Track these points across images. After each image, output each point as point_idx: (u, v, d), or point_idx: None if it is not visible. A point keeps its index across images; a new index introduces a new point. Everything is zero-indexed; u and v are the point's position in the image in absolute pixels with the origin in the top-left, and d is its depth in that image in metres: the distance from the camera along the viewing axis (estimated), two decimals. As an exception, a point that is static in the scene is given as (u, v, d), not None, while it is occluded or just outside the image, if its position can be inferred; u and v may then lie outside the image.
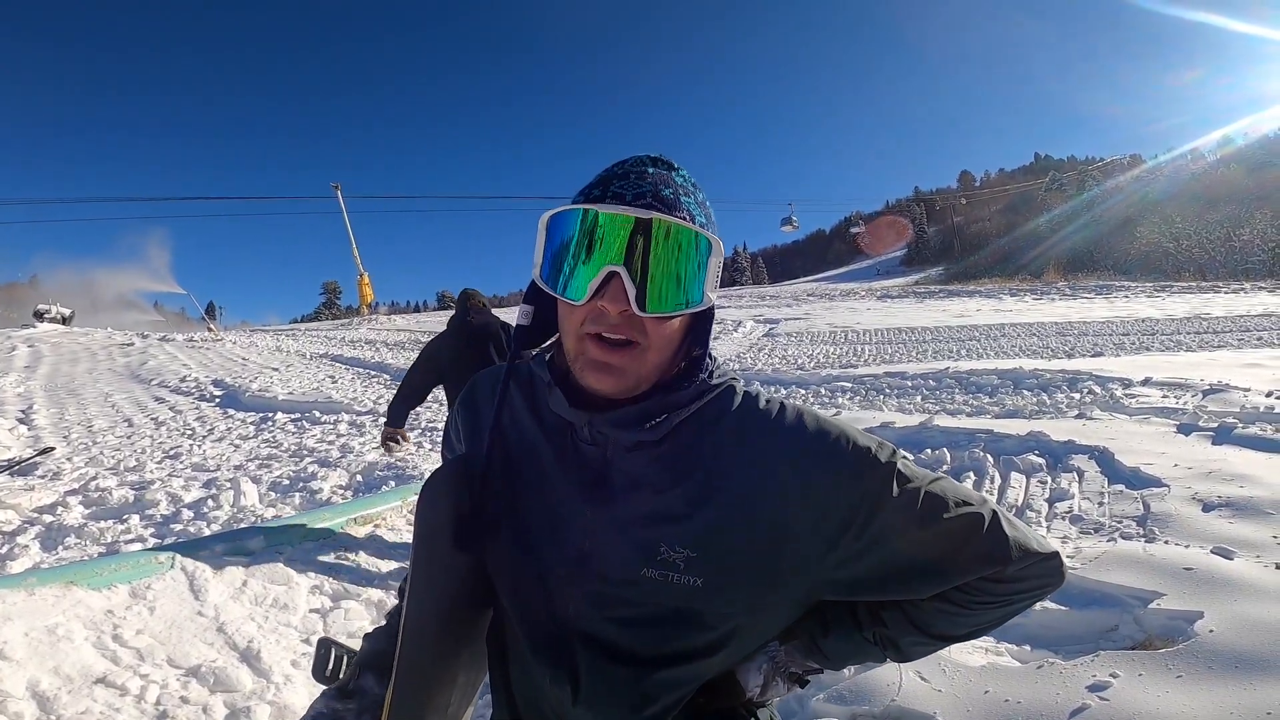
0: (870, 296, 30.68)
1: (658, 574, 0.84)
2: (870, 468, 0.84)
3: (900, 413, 7.58)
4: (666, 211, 0.80)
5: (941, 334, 16.25)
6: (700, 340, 0.88)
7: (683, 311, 0.82)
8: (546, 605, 0.89)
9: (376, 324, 31.64)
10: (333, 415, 9.40)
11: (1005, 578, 0.88)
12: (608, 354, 0.82)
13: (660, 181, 0.83)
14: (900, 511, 0.84)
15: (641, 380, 0.85)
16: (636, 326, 0.81)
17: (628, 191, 0.82)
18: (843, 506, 0.83)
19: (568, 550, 0.88)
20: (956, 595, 0.89)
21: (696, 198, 0.86)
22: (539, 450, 0.93)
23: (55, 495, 5.78)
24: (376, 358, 16.50)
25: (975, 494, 0.89)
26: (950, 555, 0.86)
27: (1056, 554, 0.91)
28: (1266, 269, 35.95)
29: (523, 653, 0.92)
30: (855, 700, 2.39)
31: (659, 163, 0.87)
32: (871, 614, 0.94)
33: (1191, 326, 14.92)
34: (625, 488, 0.88)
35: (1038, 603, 0.93)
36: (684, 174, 0.88)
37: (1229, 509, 3.83)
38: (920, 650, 0.96)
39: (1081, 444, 5.34)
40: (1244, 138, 56.24)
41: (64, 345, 19.39)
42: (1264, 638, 2.50)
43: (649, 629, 0.86)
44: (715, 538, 0.83)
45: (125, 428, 9.27)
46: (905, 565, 0.86)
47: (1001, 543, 0.86)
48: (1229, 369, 8.37)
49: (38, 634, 2.79)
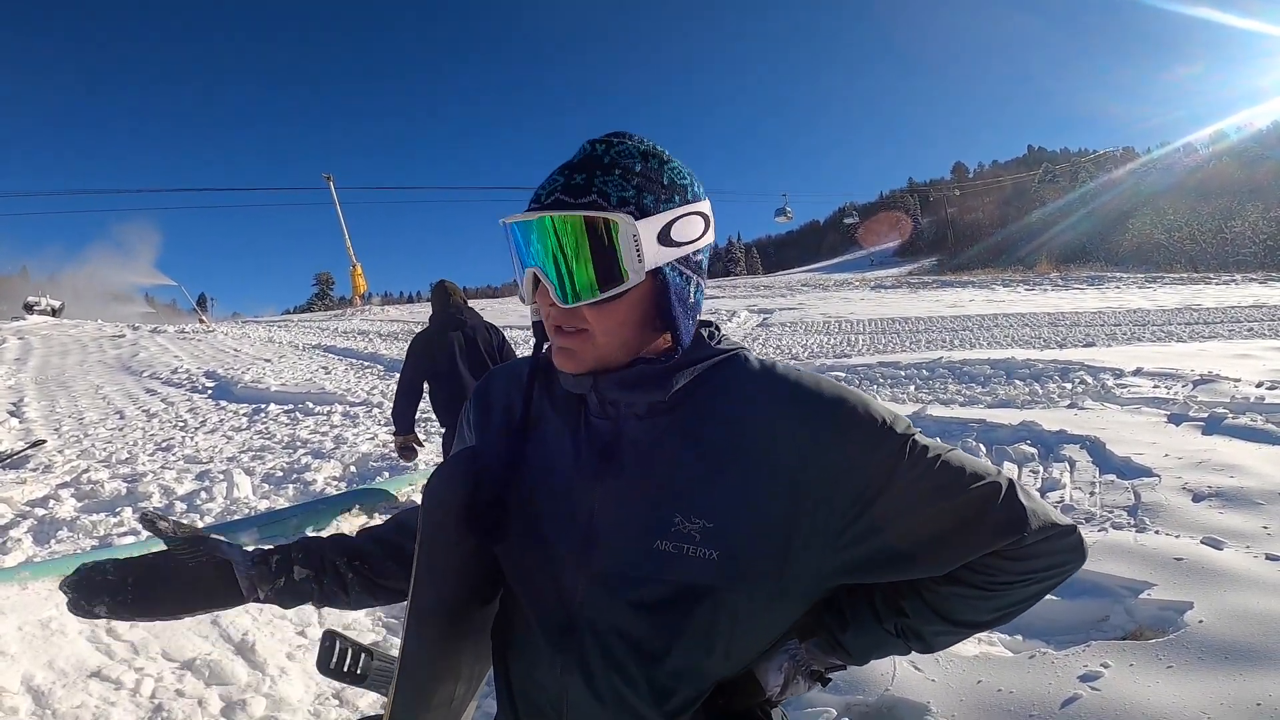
0: (864, 287, 30.70)
1: (672, 546, 0.83)
2: (886, 437, 0.83)
3: (894, 402, 7.60)
4: (572, 200, 0.82)
5: (935, 324, 16.29)
6: (662, 313, 0.86)
7: (604, 295, 0.82)
8: (556, 592, 0.88)
9: (369, 314, 31.53)
10: (326, 406, 9.37)
11: (1022, 554, 0.86)
12: (564, 339, 0.86)
13: (576, 169, 0.84)
14: (915, 482, 0.83)
15: (599, 361, 0.86)
16: (577, 316, 0.84)
17: (543, 191, 0.84)
18: (858, 475, 0.82)
19: (578, 530, 0.88)
20: (974, 577, 0.87)
21: (628, 169, 0.85)
22: (551, 433, 0.93)
23: (47, 488, 5.77)
24: (370, 348, 16.43)
25: (990, 466, 0.88)
26: (967, 526, 0.84)
27: (1075, 528, 0.89)
28: (1258, 261, 36.12)
29: (528, 645, 0.92)
30: (850, 690, 2.41)
31: (598, 145, 0.87)
32: (890, 605, 0.92)
33: (1183, 317, 14.98)
34: (637, 457, 0.87)
35: (1061, 583, 0.91)
36: (625, 147, 0.87)
37: (1219, 499, 3.86)
38: (945, 639, 0.94)
39: (1073, 434, 5.38)
40: (1237, 132, 56.31)
41: (54, 337, 19.29)
42: (1253, 628, 2.53)
43: (661, 612, 0.84)
44: (731, 506, 0.82)
45: (117, 420, 9.23)
46: (921, 537, 0.84)
47: (1018, 512, 0.84)
48: (1219, 359, 8.42)
49: (31, 628, 2.79)
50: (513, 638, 0.95)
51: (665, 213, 0.85)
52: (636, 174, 0.85)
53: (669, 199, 0.86)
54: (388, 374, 12.51)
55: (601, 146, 0.87)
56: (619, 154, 0.86)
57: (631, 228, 0.82)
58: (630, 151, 0.87)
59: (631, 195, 0.83)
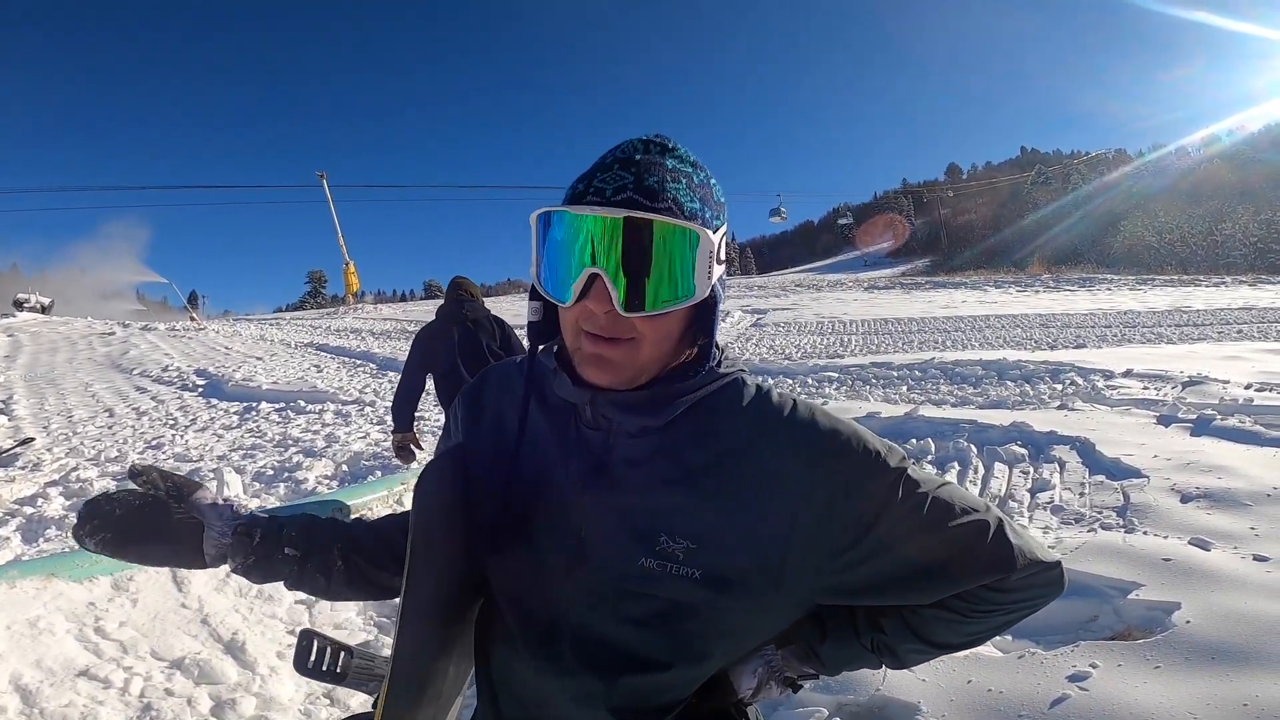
0: (857, 287, 30.76)
1: (656, 565, 0.82)
2: (880, 470, 0.84)
3: (886, 403, 7.63)
4: (648, 203, 0.78)
5: (927, 325, 16.33)
6: (705, 328, 0.85)
7: (670, 308, 0.80)
8: (541, 596, 0.88)
9: (362, 313, 31.41)
10: (318, 405, 9.34)
11: (1007, 586, 0.87)
12: (603, 347, 0.81)
13: (645, 170, 0.80)
14: (906, 516, 0.83)
15: (639, 373, 0.83)
16: (627, 325, 0.80)
17: (608, 186, 0.79)
18: (850, 508, 0.83)
19: (565, 539, 0.87)
20: (957, 604, 0.89)
21: (690, 180, 0.83)
22: (542, 438, 0.92)
23: (36, 486, 5.73)
24: (362, 346, 16.37)
25: (981, 501, 0.89)
26: (955, 561, 0.85)
27: (1059, 563, 0.90)
28: (1248, 263, 36.34)
29: (510, 645, 0.91)
30: (841, 690, 2.42)
31: (651, 146, 0.84)
32: (870, 621, 0.94)
33: (1172, 319, 15.05)
34: (626, 474, 0.86)
35: (1037, 611, 0.93)
36: (680, 154, 0.85)
37: (1207, 500, 3.88)
38: (917, 658, 0.95)
39: (1063, 435, 5.41)
40: (1229, 135, 56.64)
41: (43, 334, 19.15)
42: (1240, 629, 2.55)
43: (644, 624, 0.84)
44: (717, 530, 0.82)
45: (106, 418, 9.17)
46: (909, 570, 0.85)
47: (1006, 550, 0.86)
48: (1209, 361, 8.49)
49: (19, 627, 2.76)
50: (495, 633, 0.95)
51: (720, 229, 0.85)
52: (697, 186, 0.84)
53: (717, 215, 0.85)
54: (380, 372, 12.49)
55: (657, 150, 0.84)
56: (680, 161, 0.84)
57: (710, 243, 0.81)
58: (687, 160, 0.85)
59: (698, 208, 0.82)
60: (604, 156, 0.85)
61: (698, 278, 0.80)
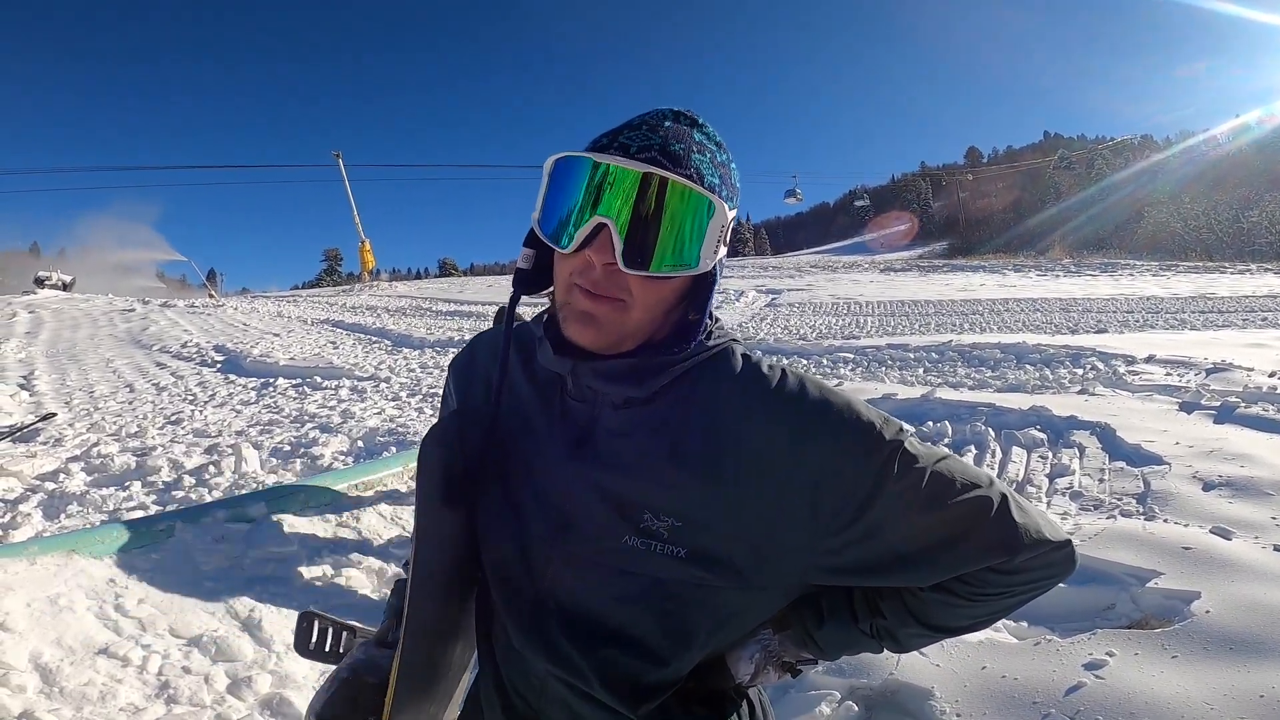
0: (873, 269, 30.46)
1: (640, 543, 0.80)
2: (875, 445, 0.80)
3: (902, 385, 7.57)
4: (671, 167, 0.77)
5: (945, 307, 16.17)
6: (698, 305, 0.84)
7: (671, 274, 0.79)
8: (525, 569, 0.87)
9: (378, 290, 31.52)
10: (334, 381, 9.40)
11: (1013, 568, 0.83)
12: (592, 303, 0.79)
13: (673, 136, 0.80)
14: (904, 493, 0.79)
15: (624, 338, 0.82)
16: (621, 284, 0.78)
17: (634, 143, 0.79)
18: (843, 485, 0.79)
19: (549, 512, 0.86)
20: (959, 586, 0.84)
21: (714, 157, 0.82)
22: (529, 408, 0.91)
23: (57, 462, 5.80)
24: (378, 324, 16.48)
25: (985, 475, 0.84)
26: (955, 542, 0.81)
27: (1068, 542, 0.85)
28: (1274, 251, 35.76)
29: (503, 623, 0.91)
30: (854, 673, 2.41)
31: (681, 117, 0.83)
32: (869, 604, 0.91)
33: (1196, 306, 14.83)
34: (611, 448, 0.84)
35: (1045, 593, 0.89)
36: (708, 131, 0.84)
37: (1229, 489, 3.83)
38: (918, 642, 0.92)
39: (1083, 420, 5.35)
40: (1259, 126, 55.27)
41: (65, 311, 19.35)
42: (1259, 620, 2.51)
43: (630, 601, 0.82)
44: (702, 508, 0.80)
45: (127, 393, 9.28)
46: (907, 551, 0.81)
47: (1010, 530, 0.81)
48: (1233, 349, 8.34)
49: (40, 604, 2.80)
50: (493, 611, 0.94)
51: (732, 211, 0.84)
52: (719, 164, 0.83)
53: (732, 197, 0.85)
54: (395, 349, 12.56)
55: (687, 121, 0.84)
56: (706, 137, 0.84)
57: (724, 218, 0.81)
58: (712, 138, 0.85)
59: (717, 184, 0.82)
60: (632, 118, 0.84)
61: (704, 249, 0.80)
